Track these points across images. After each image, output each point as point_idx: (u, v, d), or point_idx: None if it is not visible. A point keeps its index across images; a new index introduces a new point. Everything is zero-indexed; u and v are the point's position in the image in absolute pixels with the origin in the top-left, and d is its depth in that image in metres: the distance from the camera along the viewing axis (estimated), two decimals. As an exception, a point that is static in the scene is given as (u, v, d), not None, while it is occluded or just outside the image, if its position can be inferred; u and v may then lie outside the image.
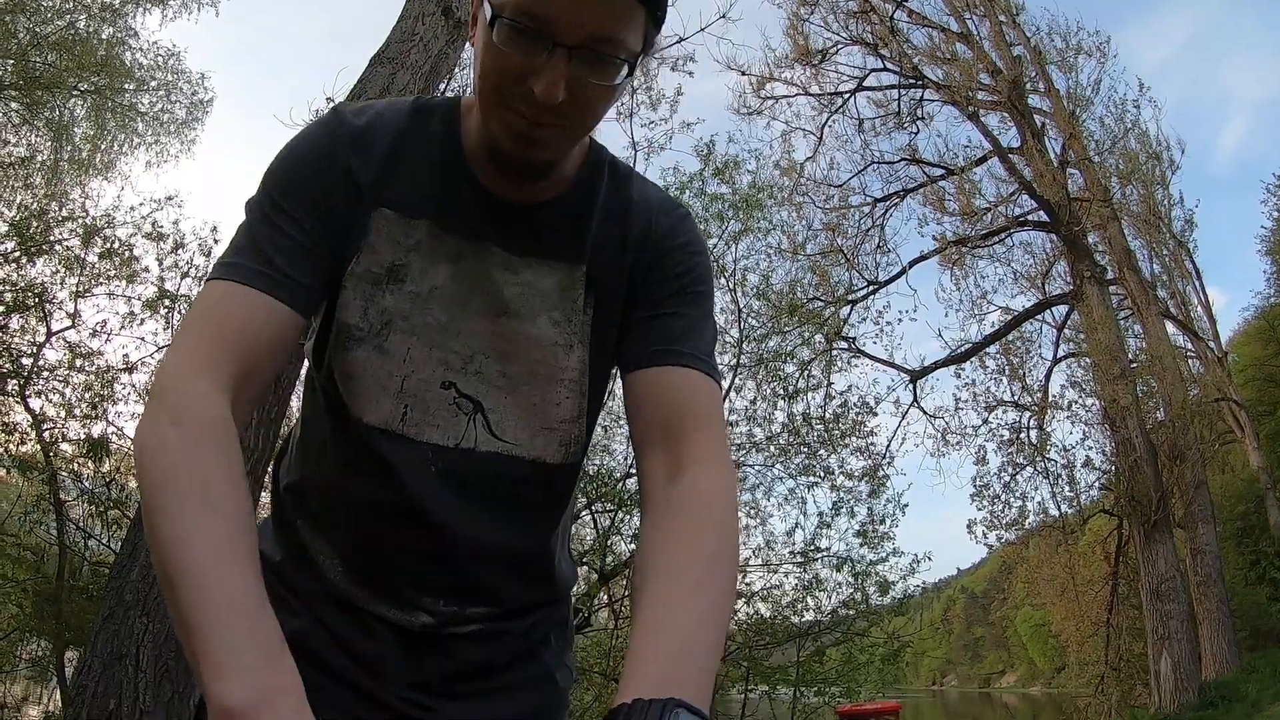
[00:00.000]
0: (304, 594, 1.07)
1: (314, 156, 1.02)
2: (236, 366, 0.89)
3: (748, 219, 10.17)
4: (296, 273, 0.96)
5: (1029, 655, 49.86)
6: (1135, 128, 17.45)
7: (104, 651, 3.50)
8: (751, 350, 10.42)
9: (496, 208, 1.06)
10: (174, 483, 0.78)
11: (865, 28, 17.66)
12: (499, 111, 0.94)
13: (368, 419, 1.03)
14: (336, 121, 1.05)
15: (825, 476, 10.61)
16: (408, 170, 1.05)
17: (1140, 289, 15.91)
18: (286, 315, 0.94)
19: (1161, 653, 13.22)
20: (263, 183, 1.02)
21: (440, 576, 1.06)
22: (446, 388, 1.04)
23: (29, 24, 12.76)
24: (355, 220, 1.02)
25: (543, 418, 1.08)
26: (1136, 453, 14.43)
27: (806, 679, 10.02)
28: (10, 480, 10.18)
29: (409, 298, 1.03)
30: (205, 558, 0.73)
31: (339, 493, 1.07)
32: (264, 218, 0.98)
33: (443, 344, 1.04)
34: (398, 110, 1.08)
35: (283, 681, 0.70)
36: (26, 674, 9.83)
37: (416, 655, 1.07)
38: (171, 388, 0.85)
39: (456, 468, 1.04)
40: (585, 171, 1.11)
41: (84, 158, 14.62)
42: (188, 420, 0.82)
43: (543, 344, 1.07)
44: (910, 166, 17.83)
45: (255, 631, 0.71)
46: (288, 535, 1.11)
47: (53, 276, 9.74)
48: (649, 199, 1.14)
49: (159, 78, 14.73)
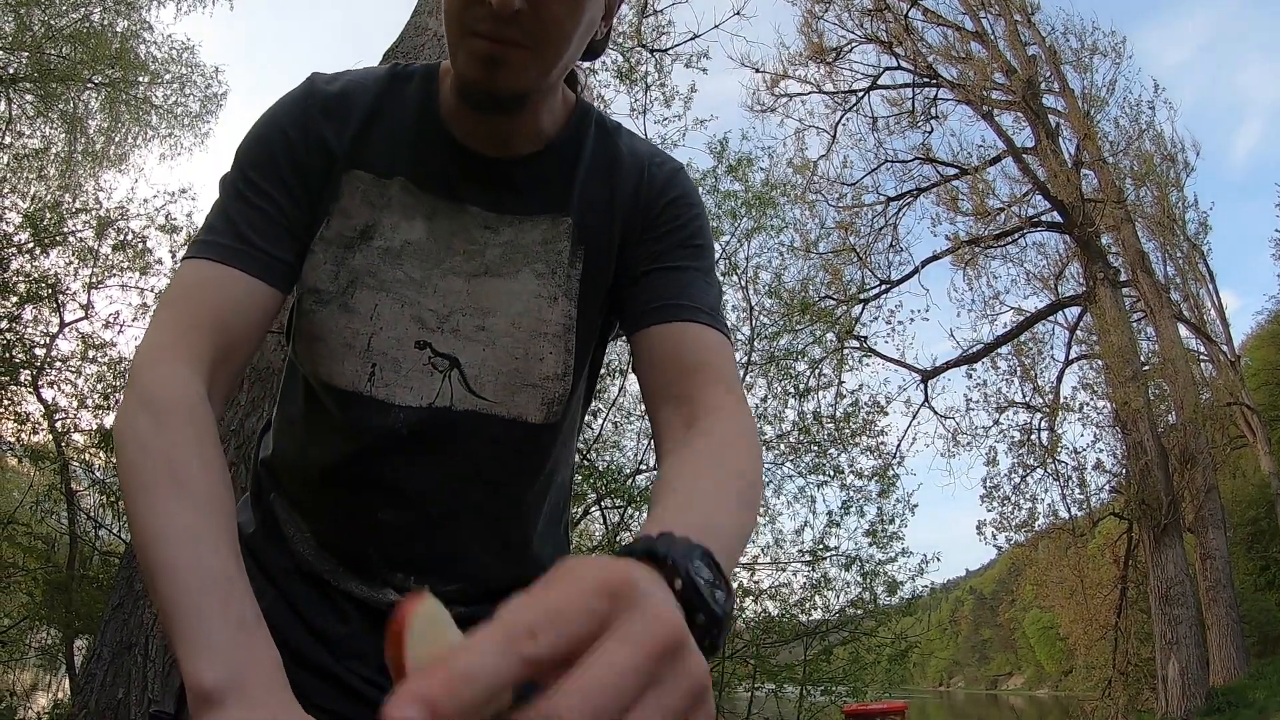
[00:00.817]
0: (273, 570, 1.03)
1: (285, 127, 0.99)
2: (212, 346, 0.87)
3: (760, 216, 10.15)
4: (272, 247, 0.94)
5: (1036, 657, 49.66)
6: (1150, 129, 17.35)
7: (113, 640, 3.51)
8: (763, 348, 10.41)
9: (476, 165, 1.02)
10: (146, 468, 0.77)
11: (880, 26, 17.62)
12: (462, 41, 0.90)
13: (334, 381, 0.97)
14: (309, 90, 1.02)
15: (835, 475, 10.58)
16: (382, 132, 1.02)
17: (1153, 291, 15.82)
18: (263, 291, 0.93)
19: (1169, 657, 13.17)
20: (235, 158, 1.00)
21: (411, 547, 1.02)
22: (421, 348, 0.98)
23: (44, 17, 12.81)
24: (327, 185, 0.99)
25: (524, 374, 1.00)
26: (1147, 456, 14.38)
27: (813, 678, 10.00)
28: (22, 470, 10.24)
29: (377, 253, 0.99)
30: (177, 541, 0.73)
31: (310, 462, 1.03)
32: (237, 194, 0.96)
33: (416, 301, 0.99)
34: (374, 76, 1.05)
35: (257, 658, 0.70)
36: (36, 662, 9.90)
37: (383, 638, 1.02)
38: (144, 372, 0.84)
39: (429, 429, 0.98)
40: (569, 126, 1.07)
41: (98, 150, 14.68)
42: (159, 405, 0.81)
43: (524, 296, 1.01)
44: (924, 165, 17.81)
45: (228, 611, 0.71)
46: (262, 509, 1.08)
47: (66, 268, 9.80)
48: (638, 152, 1.09)
49: (173, 71, 14.77)
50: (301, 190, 0.98)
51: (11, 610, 9.26)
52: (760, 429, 10.53)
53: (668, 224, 1.05)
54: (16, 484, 11.15)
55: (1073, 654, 19.94)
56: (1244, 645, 13.94)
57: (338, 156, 1.00)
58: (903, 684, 12.34)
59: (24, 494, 9.63)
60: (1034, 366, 16.96)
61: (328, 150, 0.99)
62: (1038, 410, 16.47)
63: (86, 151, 14.55)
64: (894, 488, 10.98)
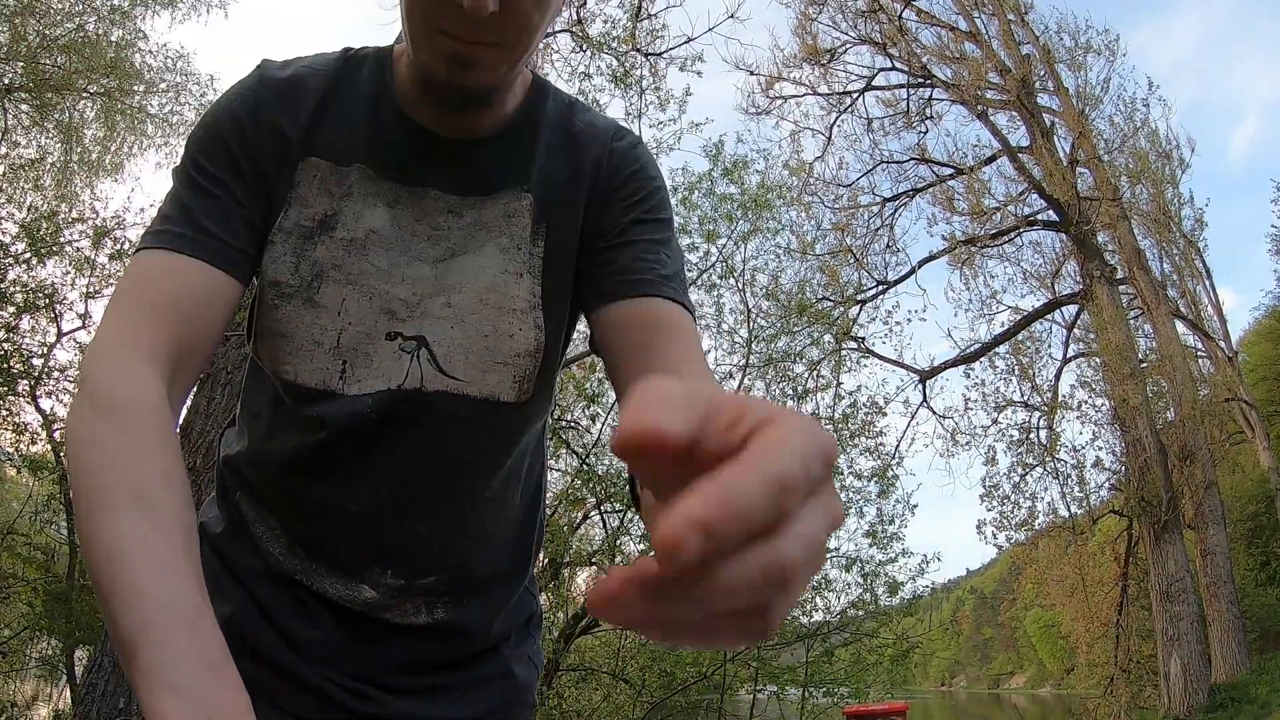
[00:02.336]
0: (241, 572, 0.99)
1: (237, 113, 0.96)
2: (171, 342, 0.82)
3: (756, 219, 10.15)
4: (230, 237, 0.90)
5: (1038, 656, 49.71)
6: (1145, 126, 17.36)
7: (113, 650, 3.52)
8: (760, 350, 10.41)
9: (435, 147, 1.00)
10: (105, 479, 0.71)
11: (874, 27, 17.64)
12: (429, 39, 0.87)
13: (301, 379, 0.94)
14: (260, 77, 0.99)
15: (834, 476, 10.56)
16: (337, 118, 0.99)
17: (1150, 288, 15.84)
18: (222, 281, 0.88)
19: (1171, 654, 13.18)
20: (187, 147, 0.96)
21: (383, 538, 0.98)
22: (392, 339, 0.96)
23: (39, 26, 12.80)
24: (282, 173, 0.96)
25: (495, 351, 0.97)
26: (1146, 453, 14.38)
27: (815, 679, 9.99)
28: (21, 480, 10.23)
29: (341, 245, 0.96)
30: (139, 565, 0.67)
31: (276, 454, 1.00)
32: (190, 182, 0.92)
33: (385, 292, 0.96)
34: (326, 60, 1.03)
35: (227, 701, 0.65)
36: (37, 672, 9.87)
37: (359, 643, 0.99)
38: (99, 372, 0.78)
39: (399, 411, 0.95)
40: (527, 104, 1.05)
41: (94, 159, 14.66)
42: (117, 407, 0.75)
43: (490, 271, 0.98)
44: (919, 166, 17.84)
45: (194, 644, 0.65)
46: (229, 508, 1.05)
47: (63, 278, 9.77)
48: (596, 126, 1.07)
49: (168, 79, 14.75)
50: (255, 178, 0.95)
51: (12, 620, 9.24)
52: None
53: (628, 197, 1.03)
54: (15, 494, 11.13)
55: (1074, 652, 19.95)
56: (1245, 641, 13.95)
57: (292, 143, 0.97)
58: (905, 684, 12.34)
59: (23, 504, 9.61)
60: (1032, 365, 16.98)
61: (281, 136, 0.96)
62: (1036, 409, 16.48)
63: (82, 161, 14.54)
64: (893, 488, 10.99)
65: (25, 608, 8.86)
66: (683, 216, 9.44)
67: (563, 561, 7.98)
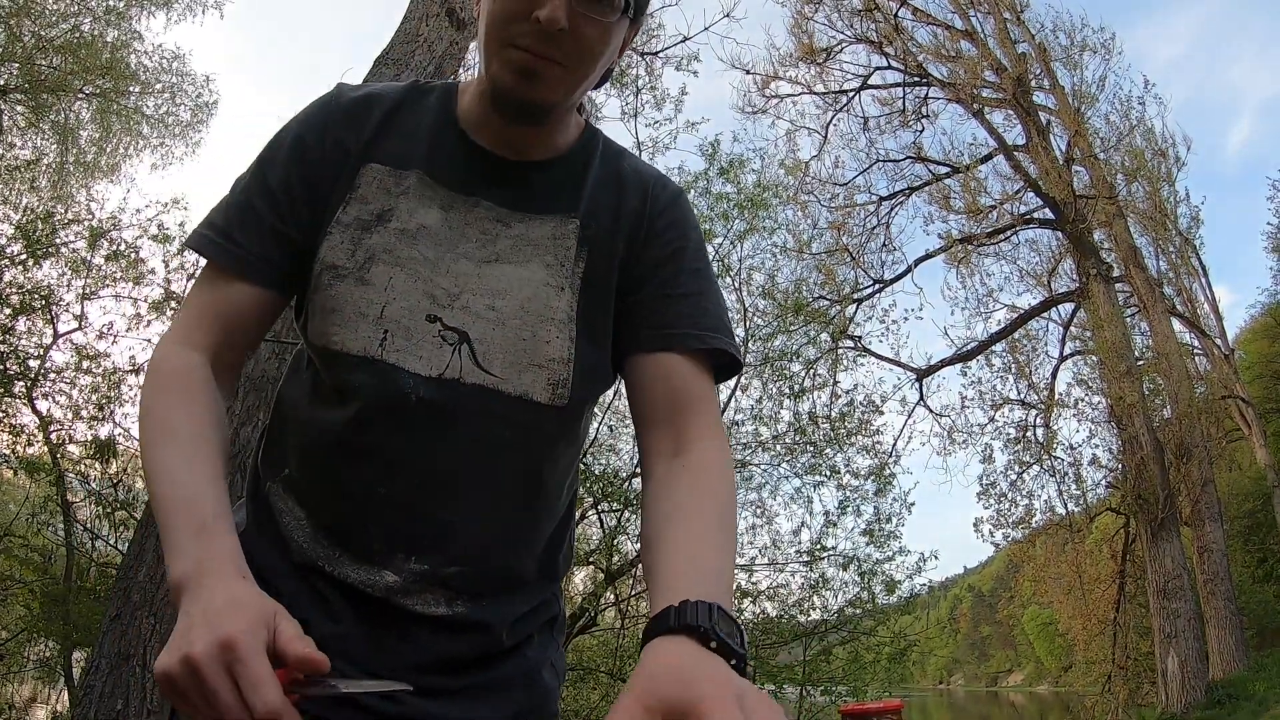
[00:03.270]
0: (265, 569, 1.00)
1: (303, 132, 1.09)
2: (215, 336, 1.04)
3: (753, 218, 10.14)
4: (269, 253, 1.05)
5: (1036, 654, 49.73)
6: (1141, 124, 17.38)
7: (111, 652, 3.51)
8: (757, 349, 10.40)
9: (491, 165, 1.10)
10: (148, 427, 0.96)
11: (870, 26, 17.64)
12: (502, 51, 0.99)
13: (346, 347, 1.01)
14: (333, 96, 1.12)
15: (831, 475, 10.56)
16: (401, 131, 1.10)
17: (1146, 286, 15.86)
18: (261, 295, 1.06)
19: (1168, 651, 13.19)
20: (256, 160, 1.10)
21: (410, 524, 1.02)
22: (432, 321, 1.02)
23: (34, 28, 12.78)
24: (341, 180, 1.07)
25: (531, 354, 1.04)
26: (1143, 450, 14.40)
27: (813, 678, 10.00)
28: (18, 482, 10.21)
29: (394, 233, 1.05)
30: (162, 477, 0.90)
31: (313, 436, 1.05)
32: (246, 199, 1.07)
33: (429, 278, 1.04)
34: (396, 86, 1.15)
35: (212, 553, 0.83)
36: (34, 675, 9.86)
37: (378, 638, 1.01)
38: (156, 356, 1.02)
39: (439, 399, 1.01)
40: (580, 143, 1.16)
41: (89, 160, 14.65)
42: (160, 377, 0.99)
43: (534, 283, 1.06)
44: (916, 164, 17.83)
45: (190, 520, 0.86)
46: (256, 504, 1.10)
47: (59, 279, 9.76)
48: (642, 173, 1.18)
49: (164, 80, 14.73)
50: (306, 191, 1.07)
51: (9, 623, 9.24)
52: (756, 430, 10.53)
53: (668, 245, 1.13)
54: (12, 496, 11.11)
55: (1072, 650, 19.99)
56: (1243, 638, 13.97)
57: (354, 155, 1.08)
58: (903, 683, 12.35)
59: (20, 506, 9.60)
60: (1028, 363, 17.00)
61: (344, 151, 1.08)
62: (1033, 407, 16.50)
63: (78, 162, 14.53)
64: (890, 487, 10.98)
65: (23, 610, 8.85)
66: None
67: (560, 561, 7.96)
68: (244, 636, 0.73)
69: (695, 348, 1.08)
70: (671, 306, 1.10)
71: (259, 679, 0.72)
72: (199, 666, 0.73)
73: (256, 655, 0.73)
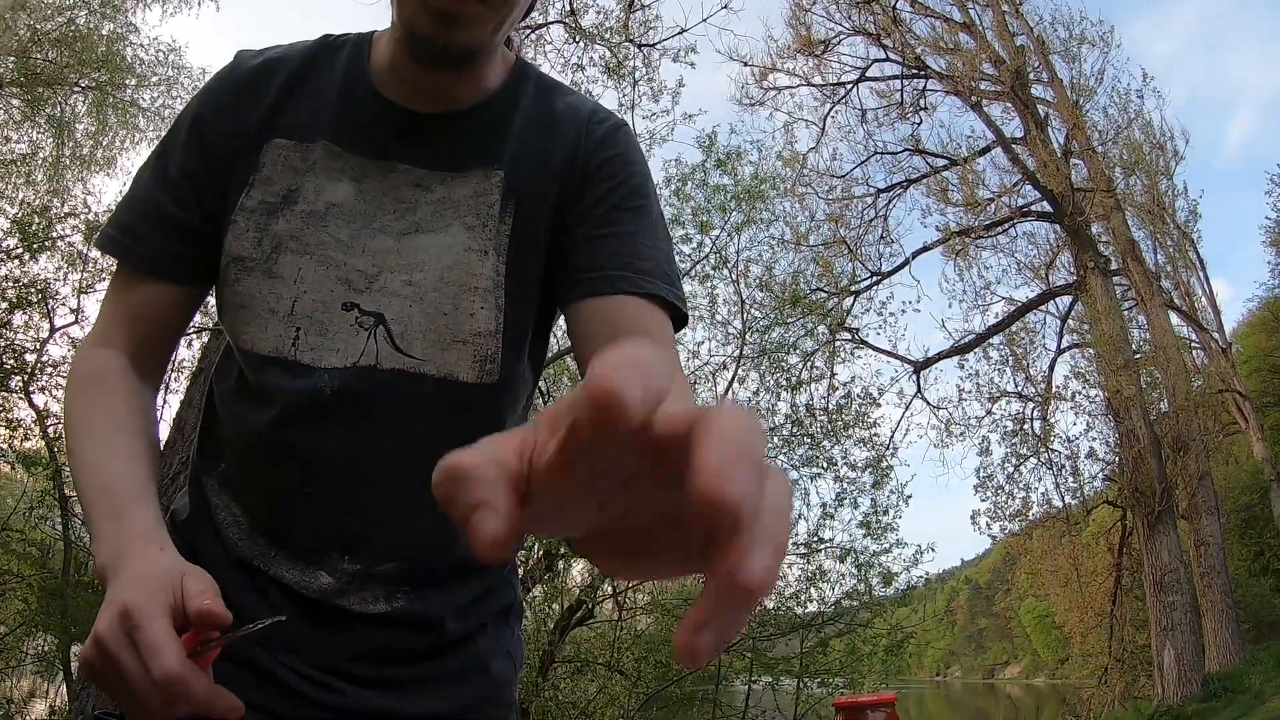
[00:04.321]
0: (205, 558, 0.96)
1: (200, 112, 1.02)
2: (132, 334, 1.01)
3: (750, 210, 10.14)
4: (177, 248, 1.01)
5: (1032, 646, 49.83)
6: (1139, 118, 17.34)
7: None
8: (754, 341, 10.41)
9: (406, 122, 1.00)
10: (71, 428, 0.95)
11: (867, 18, 17.60)
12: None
13: (257, 347, 0.95)
14: (229, 71, 1.04)
15: (828, 468, 10.58)
16: (305, 99, 1.01)
17: (1144, 280, 15.86)
18: (174, 290, 1.02)
19: (1165, 644, 13.22)
20: (157, 147, 1.05)
21: (340, 521, 0.96)
22: (348, 309, 0.95)
23: (29, 21, 12.74)
24: (242, 159, 1.00)
25: (454, 329, 0.96)
26: (1140, 444, 14.41)
27: (810, 670, 10.02)
28: (15, 476, 10.22)
29: (300, 217, 0.97)
30: (80, 466, 0.90)
31: (237, 434, 1.00)
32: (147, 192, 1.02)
33: (343, 262, 0.96)
34: (302, 46, 1.06)
35: (129, 532, 0.83)
36: (33, 669, 9.87)
37: (320, 630, 0.97)
38: (76, 362, 1.02)
39: (355, 389, 0.94)
40: (508, 83, 1.05)
41: (86, 154, 14.60)
42: (79, 379, 0.99)
43: (454, 250, 0.97)
44: (913, 157, 17.79)
45: (106, 507, 0.85)
46: (196, 495, 1.05)
47: (56, 273, 9.76)
48: (578, 109, 1.06)
49: (160, 73, 14.67)
50: (208, 177, 1.00)
51: (7, 617, 9.23)
52: (754, 423, 10.51)
53: (605, 182, 1.01)
54: (10, 490, 11.12)
55: (1069, 642, 20.02)
56: (1239, 631, 13.99)
57: (254, 130, 1.00)
58: (899, 675, 12.39)
59: (17, 500, 9.60)
60: (1026, 356, 16.99)
61: (244, 127, 1.01)
62: (1030, 400, 16.50)
63: (74, 155, 14.48)
64: (888, 479, 10.99)
65: (21, 604, 8.84)
66: (676, 208, 9.44)
67: (557, 553, 7.98)
68: (140, 601, 0.73)
69: (626, 290, 0.95)
70: (604, 246, 0.98)
71: (155, 643, 0.70)
72: (104, 642, 0.73)
73: (152, 619, 0.71)
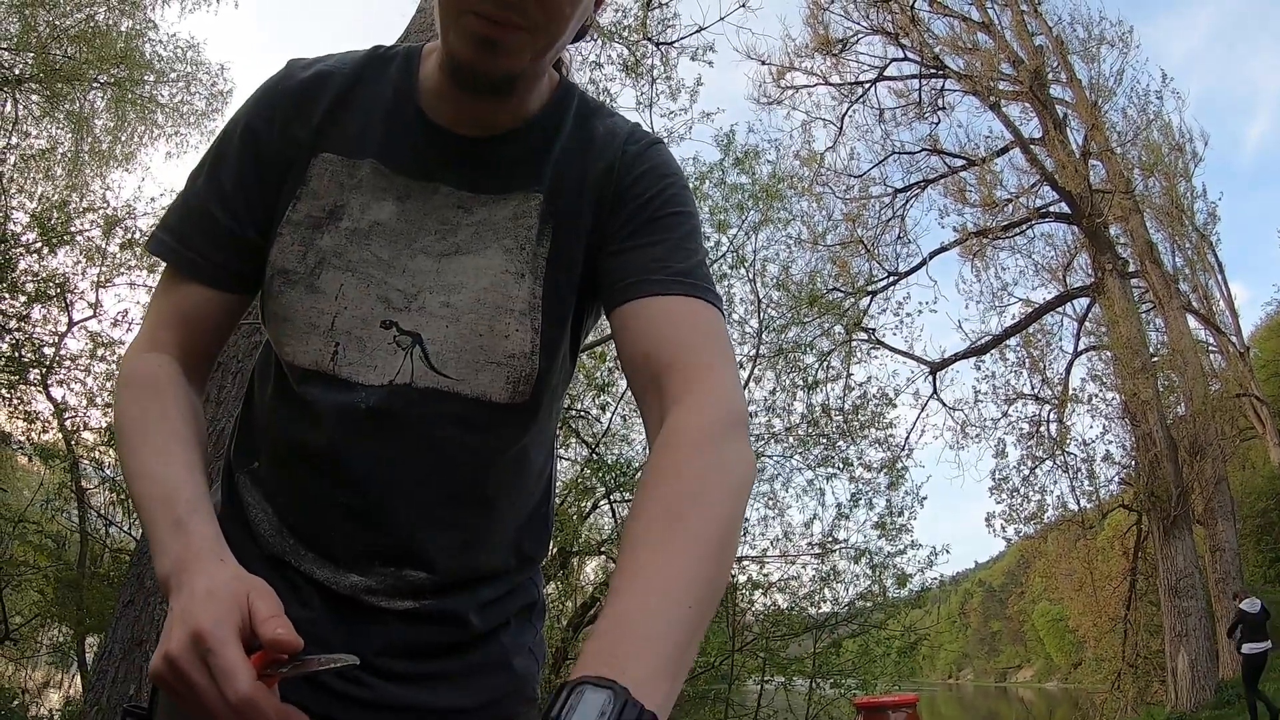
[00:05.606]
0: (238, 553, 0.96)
1: (250, 121, 1.03)
2: (180, 337, 1.02)
3: (767, 209, 10.13)
4: (226, 258, 1.01)
5: (1046, 650, 49.66)
6: (1158, 119, 17.27)
7: (124, 637, 3.52)
8: (771, 341, 10.39)
9: (450, 145, 1.01)
10: (123, 430, 0.95)
11: (886, 17, 17.56)
12: (459, 19, 0.88)
13: (298, 361, 0.97)
14: (281, 78, 1.04)
15: (844, 468, 10.57)
16: (354, 115, 1.02)
17: (1162, 282, 15.77)
18: (222, 297, 1.03)
19: (1179, 650, 13.15)
20: (209, 153, 1.05)
21: (372, 534, 0.98)
22: (387, 327, 0.97)
23: (49, 17, 12.83)
24: (292, 172, 1.00)
25: (489, 351, 0.97)
26: (1157, 447, 14.33)
27: (823, 671, 10.01)
28: (33, 468, 10.30)
29: (345, 234, 0.98)
30: (137, 472, 0.90)
31: (273, 441, 1.03)
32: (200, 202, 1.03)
33: (383, 281, 0.97)
34: (353, 58, 1.06)
35: (190, 544, 0.83)
36: (48, 659, 9.96)
37: (348, 624, 0.98)
38: (125, 362, 1.02)
39: (389, 407, 0.96)
40: (551, 105, 1.05)
41: (104, 149, 14.72)
42: (131, 382, 0.98)
43: (491, 272, 0.98)
44: (931, 157, 17.76)
45: (167, 517, 0.85)
46: (229, 490, 1.07)
47: (74, 267, 9.84)
48: (615, 130, 1.06)
49: (178, 69, 14.79)
50: (258, 186, 1.01)
51: (23, 608, 9.31)
52: (769, 422, 10.52)
53: (639, 198, 1.01)
54: (27, 482, 11.20)
55: (1082, 646, 19.95)
56: (1255, 637, 13.90)
57: (304, 144, 1.01)
58: (912, 676, 12.35)
59: (35, 492, 9.68)
60: (1042, 358, 16.94)
61: (294, 139, 1.01)
62: (1046, 402, 16.43)
63: (93, 151, 14.60)
64: (903, 480, 10.98)
65: (37, 595, 8.92)
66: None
67: (572, 550, 7.99)
68: (213, 627, 0.74)
69: (659, 293, 0.93)
70: (638, 257, 0.97)
71: (229, 669, 0.72)
72: (176, 663, 0.74)
73: (225, 644, 0.73)
